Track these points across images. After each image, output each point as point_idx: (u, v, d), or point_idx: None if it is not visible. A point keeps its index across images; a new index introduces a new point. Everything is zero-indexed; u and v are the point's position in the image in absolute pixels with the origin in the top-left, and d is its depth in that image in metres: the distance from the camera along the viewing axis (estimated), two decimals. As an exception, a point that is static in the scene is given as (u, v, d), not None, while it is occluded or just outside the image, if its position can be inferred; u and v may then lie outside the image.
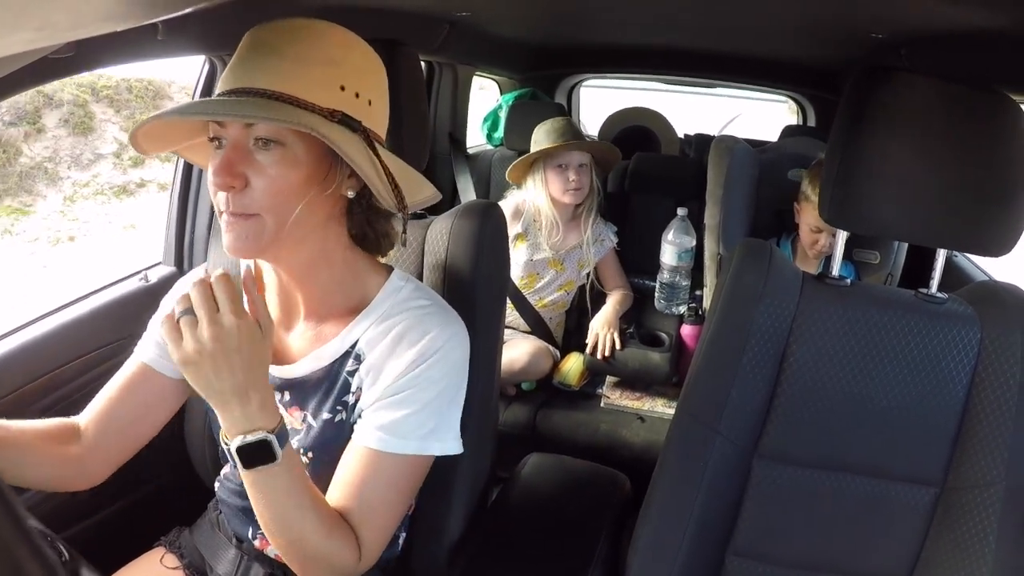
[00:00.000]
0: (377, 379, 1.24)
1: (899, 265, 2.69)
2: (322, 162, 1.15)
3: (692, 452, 1.41)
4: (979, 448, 1.34)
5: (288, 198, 1.13)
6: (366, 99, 1.18)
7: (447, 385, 1.26)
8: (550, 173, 2.88)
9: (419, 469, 1.27)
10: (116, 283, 2.00)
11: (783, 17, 2.21)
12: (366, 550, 1.21)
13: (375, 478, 1.21)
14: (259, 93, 1.09)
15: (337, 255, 1.27)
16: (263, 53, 1.12)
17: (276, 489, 1.12)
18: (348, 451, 1.24)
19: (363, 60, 1.20)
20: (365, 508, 1.21)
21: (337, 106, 1.13)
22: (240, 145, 1.11)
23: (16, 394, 1.61)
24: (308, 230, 1.19)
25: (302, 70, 1.11)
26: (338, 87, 1.14)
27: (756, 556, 1.45)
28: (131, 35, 1.31)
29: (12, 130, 8.63)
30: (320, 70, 1.13)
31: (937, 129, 1.31)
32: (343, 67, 1.16)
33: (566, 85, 4.57)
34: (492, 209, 1.61)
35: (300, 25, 1.14)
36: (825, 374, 1.38)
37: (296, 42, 1.13)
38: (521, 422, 2.69)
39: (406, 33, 2.28)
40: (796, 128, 3.94)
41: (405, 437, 1.21)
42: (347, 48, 1.18)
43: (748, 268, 1.42)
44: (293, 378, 1.31)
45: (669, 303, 2.94)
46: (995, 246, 1.33)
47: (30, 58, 0.83)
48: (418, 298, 1.29)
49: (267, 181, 1.11)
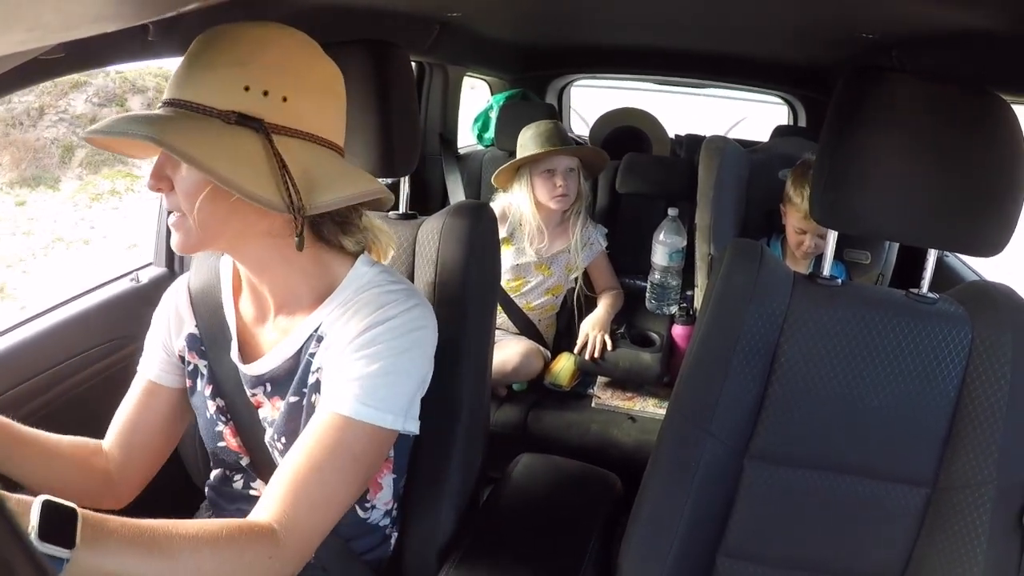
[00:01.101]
0: (335, 350, 1.23)
1: (890, 265, 2.70)
2: None
3: (683, 452, 1.41)
4: (970, 448, 1.34)
5: (204, 201, 1.14)
6: (278, 96, 1.15)
7: (410, 359, 1.23)
8: (537, 179, 2.86)
9: (376, 442, 1.21)
10: (106, 284, 2.00)
11: (773, 17, 2.21)
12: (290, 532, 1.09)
13: (328, 444, 1.16)
14: (171, 103, 1.13)
15: (293, 250, 1.23)
16: (188, 62, 1.15)
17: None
18: (311, 420, 1.21)
19: (278, 57, 1.17)
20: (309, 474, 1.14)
21: (237, 107, 1.12)
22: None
23: (7, 396, 1.60)
24: (228, 228, 1.19)
25: (207, 75, 1.13)
26: (241, 88, 1.13)
27: (747, 556, 1.46)
28: (121, 36, 1.30)
29: (104, 110, 10.09)
30: (223, 72, 1.13)
31: (928, 129, 1.31)
32: (249, 67, 1.14)
33: (556, 85, 4.56)
34: (483, 209, 1.61)
35: (223, 31, 1.16)
36: (816, 374, 1.39)
37: (211, 47, 1.14)
38: (512, 422, 2.69)
39: (396, 34, 2.28)
40: (786, 128, 3.95)
41: (365, 402, 1.17)
42: (260, 47, 1.16)
43: (738, 268, 1.42)
44: (265, 372, 1.33)
45: (660, 303, 2.94)
46: (986, 246, 1.34)
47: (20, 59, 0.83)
48: (382, 281, 1.29)
49: (181, 185, 1.15)
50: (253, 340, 1.36)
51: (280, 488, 1.13)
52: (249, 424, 1.36)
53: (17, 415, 1.41)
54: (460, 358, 1.50)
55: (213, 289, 1.41)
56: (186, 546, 0.97)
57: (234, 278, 1.40)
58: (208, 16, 1.33)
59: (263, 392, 1.34)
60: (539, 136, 2.86)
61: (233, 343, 1.36)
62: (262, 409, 1.35)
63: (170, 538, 0.96)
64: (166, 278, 2.08)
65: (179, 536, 0.97)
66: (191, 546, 0.97)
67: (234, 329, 1.37)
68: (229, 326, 1.38)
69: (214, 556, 0.99)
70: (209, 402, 1.39)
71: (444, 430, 1.49)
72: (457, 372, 1.49)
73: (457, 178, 3.43)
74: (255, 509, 1.13)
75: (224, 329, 1.38)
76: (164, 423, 1.43)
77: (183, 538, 0.97)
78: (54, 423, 1.51)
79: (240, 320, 1.38)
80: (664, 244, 2.84)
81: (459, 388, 1.50)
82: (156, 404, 1.42)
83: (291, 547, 1.09)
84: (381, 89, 1.53)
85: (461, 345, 1.49)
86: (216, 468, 1.49)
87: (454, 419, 1.49)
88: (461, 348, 1.49)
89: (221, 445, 1.42)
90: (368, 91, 1.52)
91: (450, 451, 1.50)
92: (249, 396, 1.35)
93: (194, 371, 1.41)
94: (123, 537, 0.91)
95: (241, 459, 1.41)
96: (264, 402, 1.34)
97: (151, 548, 0.93)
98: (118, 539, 0.90)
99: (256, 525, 1.07)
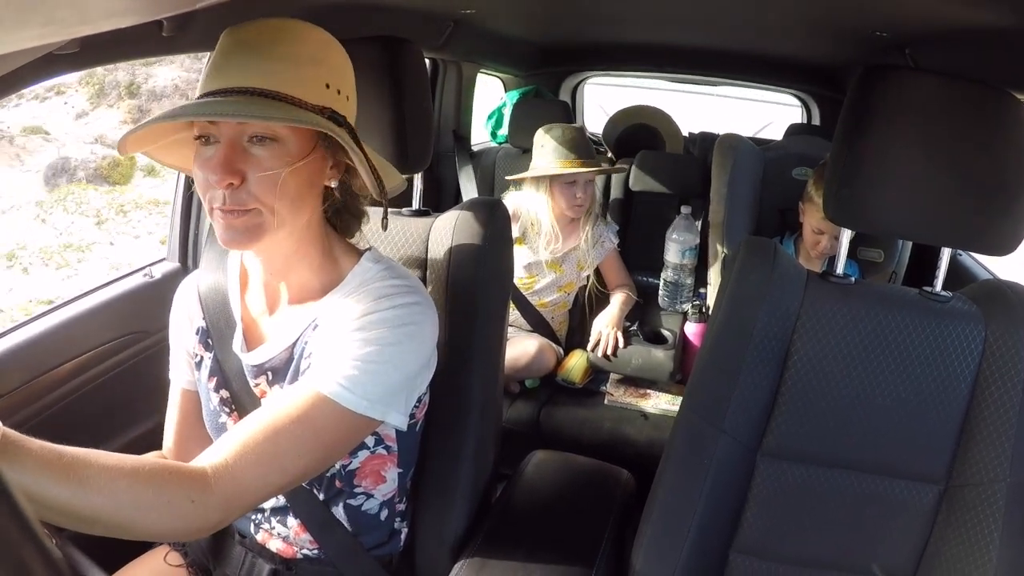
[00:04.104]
0: (328, 336, 1.24)
1: (903, 263, 2.69)
2: (312, 155, 1.19)
3: (696, 450, 1.41)
4: (983, 445, 1.34)
5: (283, 191, 1.15)
6: (345, 95, 1.22)
7: (403, 353, 1.22)
8: (557, 188, 2.83)
9: (347, 426, 1.20)
10: (121, 279, 2.01)
11: (787, 15, 2.21)
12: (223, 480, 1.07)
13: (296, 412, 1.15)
14: (251, 92, 1.11)
15: (316, 242, 1.30)
16: (247, 53, 1.14)
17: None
18: (288, 389, 1.22)
19: (341, 58, 1.24)
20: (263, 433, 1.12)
21: (325, 103, 1.16)
22: (235, 142, 1.14)
23: (22, 389, 1.61)
24: (296, 217, 1.21)
25: (292, 70, 1.14)
26: (323, 85, 1.17)
27: (760, 553, 1.45)
28: (136, 32, 1.31)
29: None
30: (308, 69, 1.16)
31: (942, 128, 1.30)
32: (325, 66, 1.19)
33: (570, 83, 4.56)
34: (496, 206, 1.61)
35: (279, 26, 1.17)
36: (829, 372, 1.38)
37: (281, 43, 1.15)
38: (525, 419, 2.70)
39: (410, 31, 2.28)
40: (801, 127, 3.94)
41: (349, 389, 1.17)
42: (328, 47, 1.21)
43: (752, 266, 1.42)
44: (265, 360, 1.34)
45: (673, 301, 2.94)
46: (1000, 245, 1.33)
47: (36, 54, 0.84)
48: (385, 277, 1.30)
49: (263, 176, 1.14)
50: (257, 331, 1.38)
51: (229, 439, 1.12)
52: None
53: (32, 408, 1.42)
54: (472, 354, 1.50)
55: (221, 284, 1.42)
56: (103, 475, 0.96)
57: (241, 274, 1.42)
58: (223, 12, 1.34)
59: (266, 381, 1.35)
60: (564, 145, 2.81)
61: (237, 333, 1.37)
62: (266, 398, 1.36)
63: (87, 466, 0.95)
64: (179, 273, 2.09)
65: (97, 465, 0.96)
66: (108, 476, 0.96)
67: (239, 320, 1.38)
68: (234, 317, 1.39)
69: (130, 489, 0.98)
70: (212, 394, 1.40)
71: (456, 426, 1.49)
72: (469, 368, 1.49)
73: (470, 175, 3.43)
74: (200, 454, 1.12)
75: (230, 320, 1.39)
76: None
77: (101, 468, 0.96)
78: (69, 416, 1.53)
79: (246, 312, 1.39)
80: (677, 242, 2.84)
81: (471, 384, 1.50)
82: (196, 409, 1.45)
83: (219, 495, 1.07)
84: (395, 86, 1.53)
85: (473, 341, 1.49)
86: None
87: (466, 415, 1.49)
88: (473, 344, 1.49)
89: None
90: (382, 88, 1.52)
91: (462, 447, 1.50)
92: (252, 386, 1.36)
93: (199, 362, 1.43)
94: (40, 458, 0.91)
95: None
96: (267, 391, 1.36)
97: (67, 472, 0.93)
98: (35, 459, 0.91)
99: (188, 468, 1.06)
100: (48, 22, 0.48)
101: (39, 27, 0.49)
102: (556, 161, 2.79)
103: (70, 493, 0.93)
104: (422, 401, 1.40)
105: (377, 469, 1.38)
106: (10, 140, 11.13)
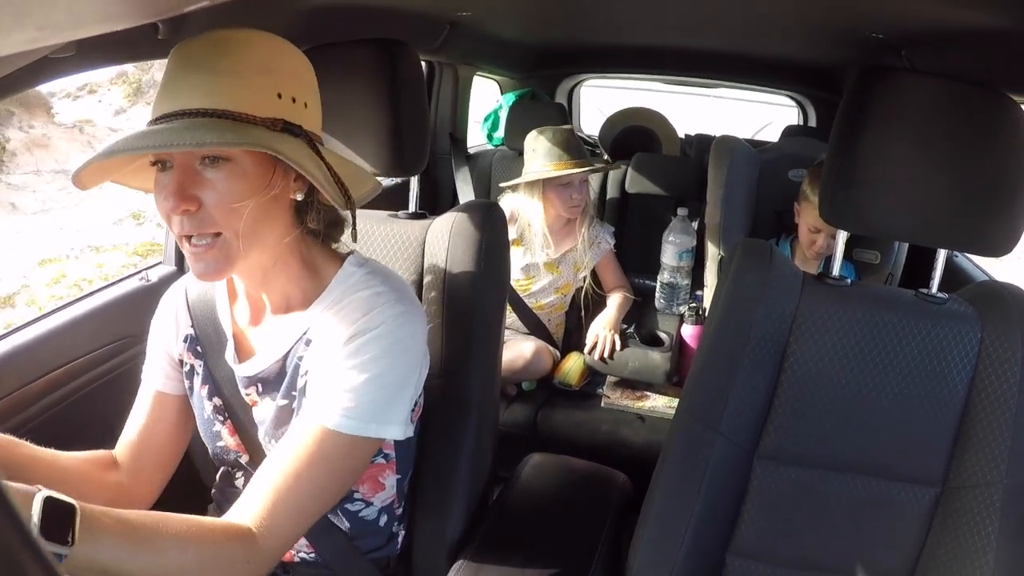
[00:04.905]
0: (321, 358, 1.24)
1: (899, 265, 2.69)
2: (268, 170, 1.16)
3: (693, 452, 1.41)
4: (980, 447, 1.34)
5: (240, 211, 1.13)
6: (302, 102, 1.18)
7: (394, 363, 1.22)
8: (552, 191, 2.83)
9: (357, 452, 1.23)
10: (117, 282, 2.01)
11: (784, 17, 2.21)
12: (267, 537, 1.11)
13: (307, 454, 1.17)
14: (199, 113, 1.09)
15: (293, 254, 1.29)
16: (193, 71, 1.11)
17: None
18: (293, 427, 1.23)
19: (294, 64, 1.20)
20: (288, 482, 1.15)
21: (277, 114, 1.13)
22: (187, 166, 1.12)
23: (17, 394, 1.61)
24: (264, 236, 1.20)
25: (238, 83, 1.11)
26: (275, 95, 1.14)
27: (757, 556, 1.45)
28: (132, 34, 1.30)
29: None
30: (256, 80, 1.12)
31: (938, 129, 1.31)
32: (276, 74, 1.15)
33: (567, 85, 4.56)
34: (493, 208, 1.61)
35: (225, 38, 1.13)
36: (826, 374, 1.38)
37: (226, 55, 1.12)
38: (521, 422, 2.69)
39: (406, 33, 2.28)
40: (796, 128, 3.94)
41: (347, 415, 1.18)
42: (278, 54, 1.18)
43: (748, 268, 1.42)
44: (257, 372, 1.34)
45: (670, 303, 2.94)
46: (995, 246, 1.33)
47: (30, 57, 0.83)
48: (369, 281, 1.29)
49: (219, 197, 1.12)
50: (247, 342, 1.38)
51: (259, 493, 1.14)
52: (245, 422, 1.38)
53: (28, 412, 1.42)
54: (469, 357, 1.50)
55: (209, 294, 1.42)
56: (174, 543, 0.99)
57: (228, 283, 1.41)
58: (218, 14, 1.34)
59: (256, 392, 1.36)
60: (557, 147, 2.81)
61: (229, 344, 1.37)
62: (256, 408, 1.36)
63: (160, 535, 0.98)
64: (175, 277, 2.08)
65: (167, 533, 0.99)
66: (179, 544, 1.00)
67: (230, 332, 1.38)
68: (224, 329, 1.39)
69: (199, 554, 1.02)
70: (206, 402, 1.41)
71: (453, 429, 1.49)
72: (467, 371, 1.50)
73: (467, 177, 3.44)
74: (234, 508, 1.15)
75: (219, 331, 1.39)
76: (173, 430, 1.44)
77: (172, 535, 1.00)
78: (64, 421, 1.52)
79: (234, 322, 1.39)
80: (674, 244, 2.84)
81: (468, 387, 1.50)
82: (164, 413, 1.43)
83: (266, 551, 1.11)
84: (391, 88, 1.53)
85: (470, 344, 1.50)
86: (220, 468, 1.50)
87: (463, 418, 1.50)
88: (470, 347, 1.50)
89: (220, 444, 1.43)
90: (378, 90, 1.52)
91: (459, 450, 1.50)
92: (244, 396, 1.37)
93: (191, 371, 1.42)
94: (117, 533, 0.93)
95: (241, 457, 1.42)
96: (258, 401, 1.36)
97: (142, 543, 0.96)
98: (112, 534, 0.92)
99: (238, 528, 1.10)
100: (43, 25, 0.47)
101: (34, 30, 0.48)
102: (549, 164, 2.80)
103: (145, 563, 0.96)
104: (417, 404, 1.39)
105: (375, 476, 1.38)
106: (80, 129, 11.44)
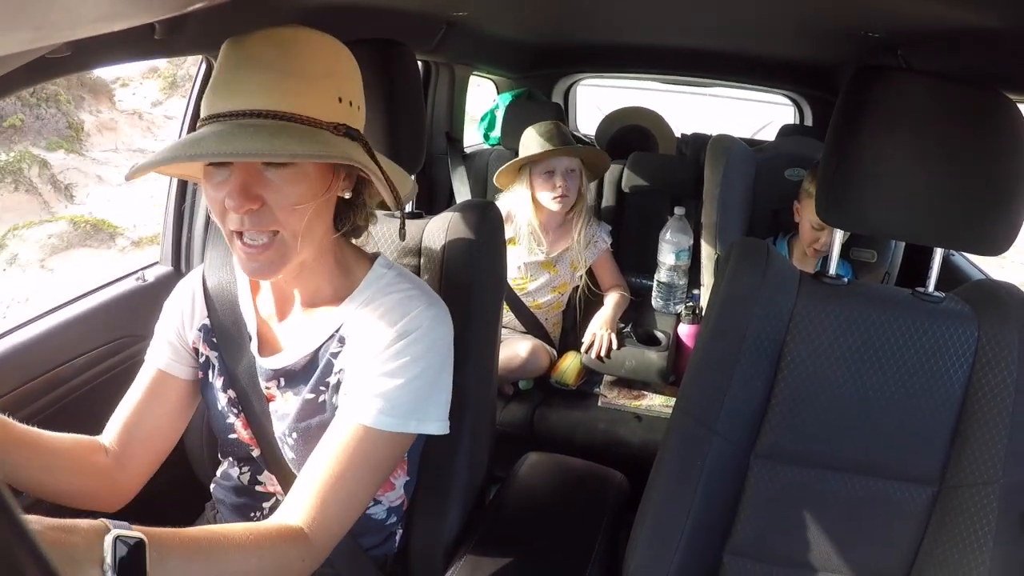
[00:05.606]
0: (360, 359, 1.26)
1: (896, 264, 2.69)
2: (328, 173, 1.19)
3: (690, 451, 1.41)
4: (976, 446, 1.34)
5: (302, 212, 1.16)
6: (356, 105, 1.21)
7: (430, 363, 1.26)
8: (537, 179, 2.84)
9: (397, 448, 1.27)
10: (113, 282, 2.00)
11: (779, 16, 2.21)
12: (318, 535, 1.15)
13: (351, 453, 1.20)
14: (265, 114, 1.09)
15: (332, 251, 1.32)
16: (259, 69, 1.11)
17: None
18: (332, 427, 1.25)
19: (350, 66, 1.22)
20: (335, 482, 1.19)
21: (339, 119, 1.15)
22: (251, 167, 1.13)
23: (13, 394, 1.61)
24: (316, 235, 1.23)
25: (304, 85, 1.12)
26: (336, 98, 1.16)
27: (754, 555, 1.45)
28: (128, 35, 1.30)
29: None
30: (321, 83, 1.14)
31: (934, 128, 1.31)
32: (337, 77, 1.17)
33: (563, 85, 4.57)
34: (489, 208, 1.61)
35: (288, 37, 1.14)
36: (822, 373, 1.38)
37: (291, 56, 1.12)
38: (518, 421, 2.69)
39: (403, 33, 2.27)
40: (793, 128, 3.94)
41: (389, 414, 1.22)
42: (337, 57, 1.19)
43: (745, 267, 1.42)
44: (285, 366, 1.34)
45: (666, 302, 2.94)
46: (991, 245, 1.33)
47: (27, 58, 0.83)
48: (400, 283, 1.32)
49: (282, 198, 1.14)
50: (271, 335, 1.38)
51: (307, 493, 1.17)
52: (260, 416, 1.37)
53: (23, 413, 1.42)
54: (466, 356, 1.50)
55: (229, 285, 1.42)
56: (236, 553, 1.02)
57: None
58: (215, 15, 1.34)
59: (276, 386, 1.36)
60: (540, 136, 2.84)
61: (252, 335, 1.38)
62: (274, 402, 1.36)
63: (222, 547, 1.01)
64: (172, 277, 2.08)
65: (229, 544, 1.02)
66: (241, 553, 1.03)
67: (254, 324, 1.38)
68: (247, 322, 1.39)
69: (259, 559, 1.05)
70: (220, 394, 1.40)
71: (450, 428, 1.49)
72: (463, 370, 1.49)
73: (463, 177, 3.44)
74: (282, 510, 1.18)
75: (239, 323, 1.39)
76: (170, 414, 1.43)
77: (233, 546, 1.02)
78: (60, 421, 1.52)
79: (258, 314, 1.40)
80: (670, 243, 2.84)
81: (465, 386, 1.50)
82: (165, 393, 1.42)
83: (318, 548, 1.15)
84: (388, 88, 1.53)
85: (467, 343, 1.49)
86: (224, 460, 1.50)
87: (460, 417, 1.49)
88: (467, 346, 1.49)
89: (232, 437, 1.43)
90: (375, 90, 1.51)
91: (456, 449, 1.50)
92: (263, 388, 1.37)
93: (206, 363, 1.42)
94: (183, 554, 0.95)
95: (252, 451, 1.42)
96: (276, 395, 1.36)
97: (208, 559, 0.98)
98: (179, 557, 0.94)
99: (290, 529, 1.13)
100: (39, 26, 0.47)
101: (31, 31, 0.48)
102: (533, 151, 2.82)
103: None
104: None
105: (389, 478, 1.39)
106: (140, 116, 11.78)
